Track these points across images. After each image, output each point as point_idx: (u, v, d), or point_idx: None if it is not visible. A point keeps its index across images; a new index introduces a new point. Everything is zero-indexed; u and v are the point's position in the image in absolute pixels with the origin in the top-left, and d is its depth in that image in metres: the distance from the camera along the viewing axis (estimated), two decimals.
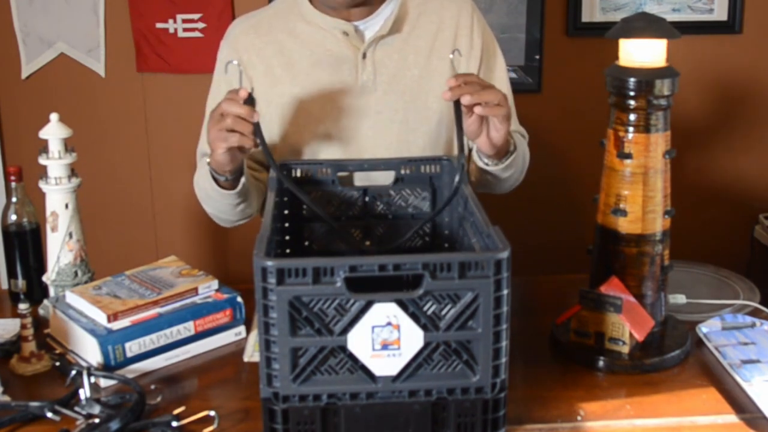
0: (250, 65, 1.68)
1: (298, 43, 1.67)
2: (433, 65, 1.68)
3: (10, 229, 1.68)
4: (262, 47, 1.68)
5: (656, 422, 1.28)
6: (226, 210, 1.66)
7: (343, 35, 1.65)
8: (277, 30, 1.69)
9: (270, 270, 1.09)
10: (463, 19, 1.71)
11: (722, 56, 2.76)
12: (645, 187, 1.44)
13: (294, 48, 1.67)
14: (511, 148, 1.59)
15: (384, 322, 1.12)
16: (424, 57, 1.68)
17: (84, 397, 1.28)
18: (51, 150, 1.58)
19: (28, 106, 2.76)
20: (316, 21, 1.66)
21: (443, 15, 1.71)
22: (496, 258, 1.11)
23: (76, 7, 2.69)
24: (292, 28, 1.68)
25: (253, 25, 1.71)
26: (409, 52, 1.68)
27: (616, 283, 1.45)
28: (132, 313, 1.44)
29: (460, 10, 1.72)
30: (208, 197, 1.64)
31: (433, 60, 1.68)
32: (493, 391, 1.16)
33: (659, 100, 1.41)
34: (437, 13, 1.71)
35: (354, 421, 1.16)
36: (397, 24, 1.67)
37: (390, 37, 1.67)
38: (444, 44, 1.69)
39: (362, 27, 1.67)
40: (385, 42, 1.66)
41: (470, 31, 1.71)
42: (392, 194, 1.52)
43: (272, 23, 1.70)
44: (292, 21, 1.68)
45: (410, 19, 1.69)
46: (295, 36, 1.68)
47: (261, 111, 1.63)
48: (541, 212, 2.83)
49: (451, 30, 1.70)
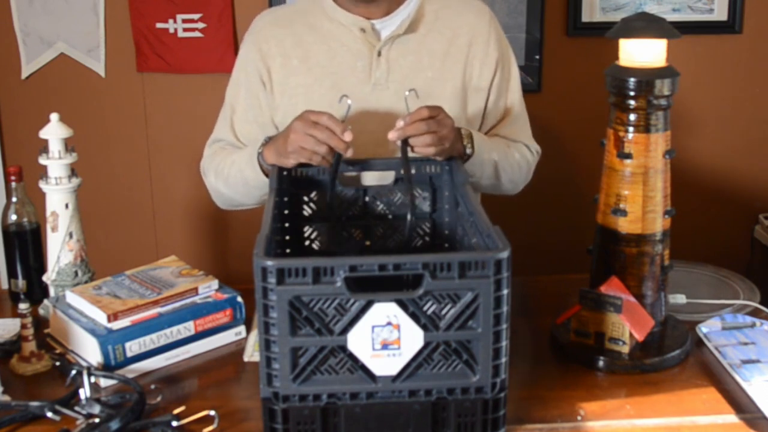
0: (269, 55, 1.72)
1: (316, 37, 1.71)
2: (447, 69, 1.71)
3: (10, 229, 1.68)
4: (282, 38, 1.72)
5: (656, 422, 1.28)
6: (254, 196, 1.72)
7: (360, 32, 1.68)
8: (298, 23, 1.73)
9: (270, 270, 1.09)
10: (480, 27, 1.74)
11: (722, 56, 2.76)
12: (645, 187, 1.44)
13: (312, 41, 1.71)
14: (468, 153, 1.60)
15: (384, 322, 1.12)
16: (438, 60, 1.70)
17: (84, 397, 1.28)
18: (51, 150, 1.58)
19: (28, 106, 2.76)
20: (336, 17, 1.70)
21: (460, 21, 1.73)
22: (496, 258, 1.11)
23: (76, 7, 2.69)
24: (313, 22, 1.72)
25: (276, 17, 1.77)
26: (424, 54, 1.70)
27: (616, 283, 1.45)
28: (132, 313, 1.44)
29: (479, 19, 1.74)
30: (245, 184, 1.67)
31: (447, 64, 1.71)
32: (493, 391, 1.16)
33: (659, 100, 1.41)
34: (455, 19, 1.73)
35: (354, 421, 1.16)
36: (413, 25, 1.69)
37: (406, 36, 1.69)
38: (459, 50, 1.71)
39: (379, 26, 1.70)
40: (401, 41, 1.69)
41: (486, 39, 1.73)
42: (392, 194, 1.52)
43: (294, 17, 1.75)
44: (314, 16, 1.73)
45: (427, 21, 1.72)
46: (314, 30, 1.72)
47: (276, 101, 1.68)
48: (541, 212, 2.83)
49: (467, 37, 1.72)
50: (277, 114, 1.73)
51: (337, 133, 1.43)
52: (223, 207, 1.84)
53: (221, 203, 1.83)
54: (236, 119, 1.77)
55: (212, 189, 1.80)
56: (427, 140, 1.44)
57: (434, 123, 1.45)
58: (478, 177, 1.66)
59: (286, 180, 1.50)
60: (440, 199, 1.52)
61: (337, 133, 1.43)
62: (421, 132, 1.44)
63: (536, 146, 1.84)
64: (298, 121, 1.47)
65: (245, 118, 1.76)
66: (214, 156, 1.77)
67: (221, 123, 1.80)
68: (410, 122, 1.44)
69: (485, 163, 1.65)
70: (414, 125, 1.44)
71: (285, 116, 1.69)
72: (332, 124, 1.44)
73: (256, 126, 1.74)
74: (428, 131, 1.44)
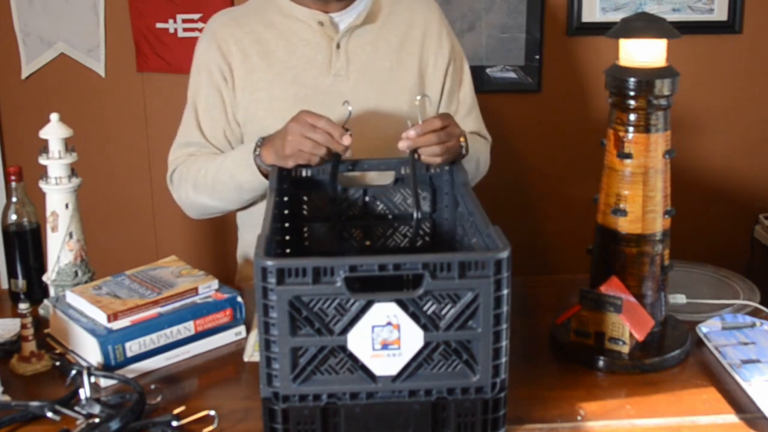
0: (228, 54, 1.75)
1: (274, 34, 1.74)
2: (404, 60, 1.76)
3: (10, 229, 1.68)
4: (241, 37, 1.75)
5: (656, 422, 1.28)
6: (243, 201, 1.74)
7: (318, 25, 1.73)
8: (255, 22, 1.76)
9: (270, 270, 1.09)
10: (431, 20, 1.82)
11: (722, 56, 2.76)
12: (645, 187, 1.44)
13: (270, 38, 1.74)
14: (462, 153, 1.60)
15: (384, 322, 1.12)
16: (395, 51, 1.76)
17: (84, 397, 1.28)
18: (51, 150, 1.58)
19: (28, 106, 2.76)
20: (293, 13, 1.74)
21: (413, 14, 1.80)
22: (496, 258, 1.11)
23: (76, 7, 2.69)
24: (270, 20, 1.76)
25: (232, 17, 1.79)
26: (381, 44, 1.75)
27: (616, 283, 1.45)
28: (132, 313, 1.44)
29: (429, 12, 1.82)
30: (238, 189, 1.68)
31: (403, 55, 1.77)
32: (493, 391, 1.16)
33: (659, 100, 1.41)
34: (407, 12, 1.80)
35: (354, 421, 1.16)
36: (370, 16, 1.75)
37: (363, 28, 1.74)
38: (414, 41, 1.78)
39: (337, 19, 1.74)
40: (358, 33, 1.74)
41: (438, 32, 1.81)
42: (392, 194, 1.52)
43: (250, 16, 1.78)
44: (270, 14, 1.77)
45: (382, 14, 1.78)
46: (272, 27, 1.75)
47: (238, 97, 1.74)
48: (541, 212, 2.83)
49: (421, 29, 1.79)
50: (239, 111, 1.75)
51: (335, 136, 1.44)
52: (196, 217, 1.86)
53: (194, 213, 1.84)
54: (201, 119, 1.78)
55: (187, 201, 1.80)
56: (435, 151, 1.46)
57: (444, 134, 1.47)
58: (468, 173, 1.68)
59: (286, 180, 1.50)
60: (440, 199, 1.52)
61: (335, 137, 1.44)
62: (431, 143, 1.45)
63: (489, 136, 1.91)
64: (295, 123, 1.48)
65: (209, 116, 1.78)
66: (187, 165, 1.77)
67: (186, 126, 1.81)
68: (422, 133, 1.45)
69: (471, 160, 1.68)
70: (425, 137, 1.45)
71: (247, 113, 1.74)
72: (330, 127, 1.45)
73: (221, 124, 1.77)
74: (438, 142, 1.46)
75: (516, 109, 2.73)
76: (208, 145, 1.78)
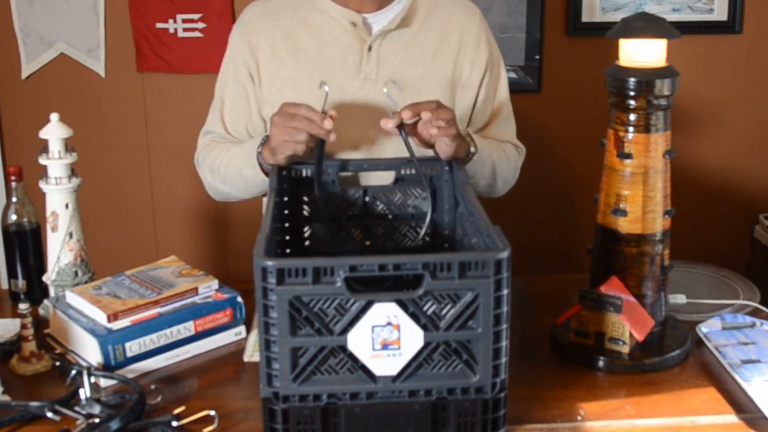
0: (258, 48, 1.71)
1: (306, 30, 1.70)
2: (437, 66, 1.70)
3: (10, 229, 1.68)
4: (272, 31, 1.71)
5: (656, 422, 1.28)
6: (252, 193, 1.72)
7: (351, 26, 1.67)
8: (288, 16, 1.71)
9: (270, 270, 1.09)
10: (471, 26, 1.74)
11: (722, 56, 2.76)
12: (645, 187, 1.44)
13: (302, 34, 1.70)
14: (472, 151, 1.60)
15: (384, 322, 1.12)
16: (429, 57, 1.69)
17: (84, 397, 1.28)
18: (51, 150, 1.58)
19: (28, 106, 2.76)
20: (327, 10, 1.69)
21: (452, 20, 1.73)
22: (496, 258, 1.11)
23: (76, 7, 2.69)
24: (303, 15, 1.71)
25: (265, 9, 1.75)
26: (415, 50, 1.69)
27: (616, 283, 1.45)
28: (132, 313, 1.44)
29: (470, 18, 1.74)
30: (244, 182, 1.67)
31: (437, 61, 1.70)
32: (493, 391, 1.16)
33: (659, 100, 1.41)
34: (446, 17, 1.73)
35: (354, 421, 1.16)
36: (406, 20, 1.68)
37: (397, 32, 1.68)
38: (450, 48, 1.71)
39: (371, 20, 1.68)
40: (392, 37, 1.68)
41: (477, 39, 1.73)
42: (392, 194, 1.52)
43: (283, 9, 1.73)
44: (304, 9, 1.71)
45: (419, 18, 1.71)
46: (304, 23, 1.70)
47: (264, 93, 1.68)
48: (541, 212, 2.83)
49: (458, 35, 1.72)
50: (265, 107, 1.72)
51: (316, 121, 1.43)
52: (217, 199, 1.85)
53: (215, 196, 1.83)
54: (225, 111, 1.77)
55: (207, 184, 1.80)
56: (441, 123, 1.44)
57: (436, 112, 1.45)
58: (477, 177, 1.66)
59: (286, 180, 1.50)
60: (440, 199, 1.52)
61: (316, 122, 1.43)
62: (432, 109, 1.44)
63: (522, 146, 1.85)
64: (277, 115, 1.47)
65: (234, 110, 1.76)
66: (207, 150, 1.76)
67: (212, 115, 1.80)
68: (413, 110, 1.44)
69: (485, 163, 1.65)
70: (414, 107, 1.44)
71: (273, 109, 1.68)
72: (310, 113, 1.44)
73: (244, 118, 1.75)
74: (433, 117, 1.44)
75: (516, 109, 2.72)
76: (227, 136, 1.77)
